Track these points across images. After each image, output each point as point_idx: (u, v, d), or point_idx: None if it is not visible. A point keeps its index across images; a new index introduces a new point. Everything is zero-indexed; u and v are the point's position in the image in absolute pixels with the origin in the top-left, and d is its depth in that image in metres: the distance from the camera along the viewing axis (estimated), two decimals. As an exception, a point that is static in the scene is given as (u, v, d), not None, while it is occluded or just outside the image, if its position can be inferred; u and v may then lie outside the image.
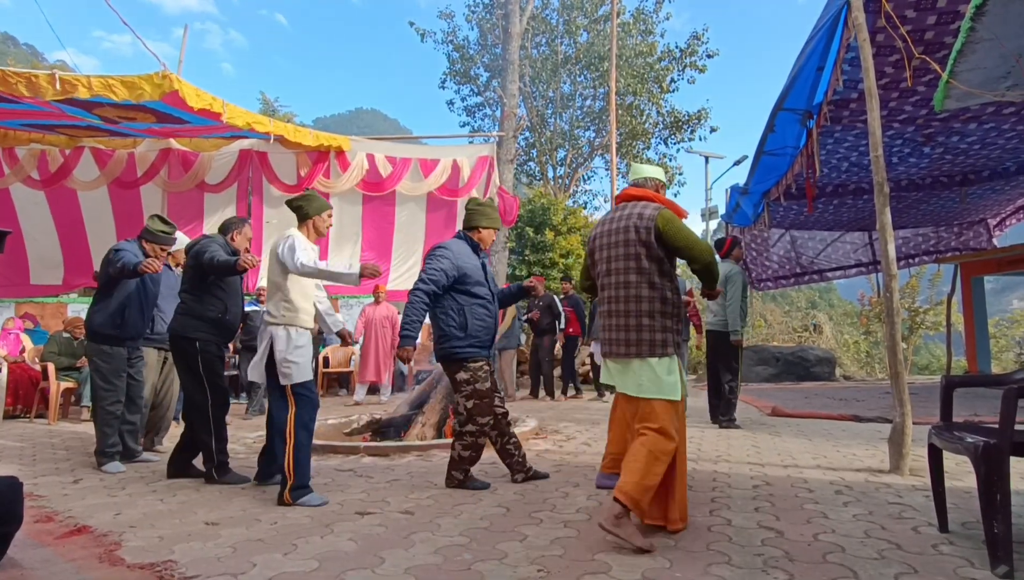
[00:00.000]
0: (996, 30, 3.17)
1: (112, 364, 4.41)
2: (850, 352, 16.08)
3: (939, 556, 2.41)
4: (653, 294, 2.81)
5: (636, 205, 2.93)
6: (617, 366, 2.93)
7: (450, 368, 3.66)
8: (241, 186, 9.47)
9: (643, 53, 19.24)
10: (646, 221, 2.82)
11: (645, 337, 2.79)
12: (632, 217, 2.87)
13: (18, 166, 8.36)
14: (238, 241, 4.20)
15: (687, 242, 2.82)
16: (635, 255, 2.84)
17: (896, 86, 5.69)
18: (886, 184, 4.12)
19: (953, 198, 9.31)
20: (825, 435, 5.48)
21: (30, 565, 2.44)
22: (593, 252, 3.07)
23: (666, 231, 2.79)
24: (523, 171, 22.51)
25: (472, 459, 3.68)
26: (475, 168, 10.03)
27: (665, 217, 2.82)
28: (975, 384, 5.00)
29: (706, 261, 2.88)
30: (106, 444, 4.35)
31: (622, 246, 2.88)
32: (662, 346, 2.79)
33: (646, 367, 2.78)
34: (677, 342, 2.86)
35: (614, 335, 2.90)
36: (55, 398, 7.19)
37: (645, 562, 2.37)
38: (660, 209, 2.87)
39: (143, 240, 4.54)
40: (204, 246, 3.96)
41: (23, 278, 9.27)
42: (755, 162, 7.50)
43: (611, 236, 2.95)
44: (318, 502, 3.31)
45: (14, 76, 5.55)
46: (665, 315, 2.81)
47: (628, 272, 2.85)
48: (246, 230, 4.30)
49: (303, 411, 3.44)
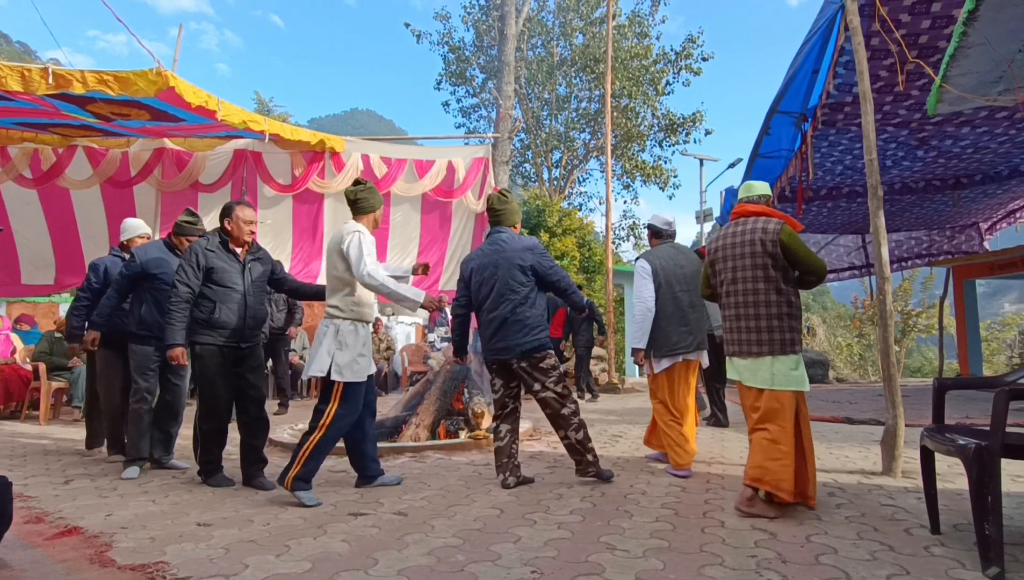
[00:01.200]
0: (988, 35, 3.20)
1: (137, 361, 4.30)
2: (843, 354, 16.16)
3: (931, 557, 2.42)
4: (780, 299, 3.16)
5: (758, 220, 3.24)
6: (746, 363, 3.23)
7: (536, 357, 3.70)
8: (235, 186, 9.42)
9: (638, 55, 19.31)
10: (771, 234, 3.15)
11: (776, 337, 3.14)
12: (757, 231, 3.20)
13: (10, 164, 8.29)
14: (232, 228, 3.92)
15: (805, 255, 3.15)
16: (763, 265, 3.17)
17: (890, 90, 5.72)
18: (880, 187, 4.14)
19: (946, 202, 9.37)
20: (818, 437, 5.50)
21: (20, 566, 2.42)
22: (715, 262, 3.39)
23: (789, 244, 3.13)
24: (518, 173, 22.54)
25: (588, 439, 3.77)
26: (470, 169, 10.02)
27: (787, 231, 3.16)
28: (967, 387, 5.02)
29: (819, 275, 3.19)
30: (133, 443, 4.23)
31: (748, 257, 3.20)
32: (791, 344, 3.16)
33: (778, 363, 3.13)
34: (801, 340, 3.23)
35: (744, 336, 3.24)
36: (46, 398, 7.14)
37: (638, 563, 2.37)
38: (782, 224, 3.19)
39: (172, 236, 4.54)
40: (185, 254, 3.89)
41: (14, 278, 9.19)
42: (750, 165, 7.53)
43: (735, 248, 3.27)
44: (311, 502, 3.30)
45: (6, 69, 5.50)
46: (792, 317, 3.17)
47: (756, 280, 3.18)
48: (239, 213, 3.92)
49: (345, 409, 3.47)
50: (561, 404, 3.72)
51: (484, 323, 3.83)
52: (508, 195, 4.02)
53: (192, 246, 3.88)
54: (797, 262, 3.16)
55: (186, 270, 3.76)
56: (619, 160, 20.33)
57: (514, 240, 3.84)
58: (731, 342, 3.33)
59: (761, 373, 3.17)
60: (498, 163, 11.46)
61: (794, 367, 3.14)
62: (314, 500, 3.33)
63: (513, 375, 3.82)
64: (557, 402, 3.72)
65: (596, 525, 2.89)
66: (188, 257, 3.81)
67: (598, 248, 17.95)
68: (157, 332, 4.23)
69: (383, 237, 10.15)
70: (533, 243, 3.86)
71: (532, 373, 3.72)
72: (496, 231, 3.94)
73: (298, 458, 3.36)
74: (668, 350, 4.07)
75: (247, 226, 3.93)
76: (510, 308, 3.70)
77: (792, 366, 3.14)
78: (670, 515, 3.05)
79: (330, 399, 3.47)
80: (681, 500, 3.35)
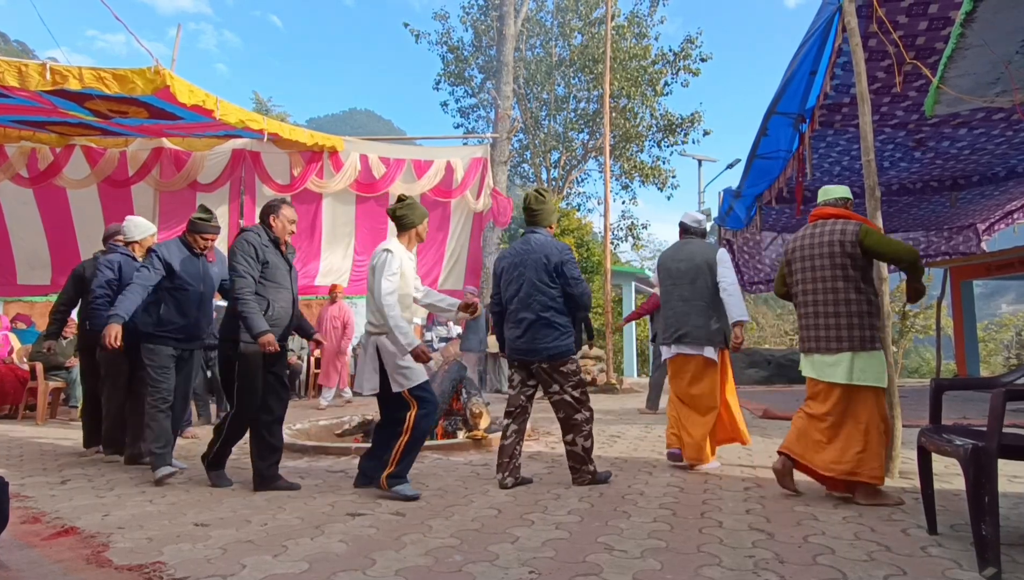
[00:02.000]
0: (986, 36, 3.20)
1: (156, 361, 4.12)
2: (841, 355, 16.17)
3: (928, 558, 2.42)
4: (860, 297, 3.26)
5: (836, 222, 3.35)
6: (825, 359, 3.33)
7: (560, 361, 3.72)
8: (234, 186, 9.42)
9: (637, 56, 19.32)
10: (850, 235, 3.26)
11: (855, 334, 3.24)
12: (835, 232, 3.30)
13: (7, 164, 8.28)
14: (276, 226, 3.83)
15: (890, 247, 3.25)
16: (841, 265, 3.27)
17: (888, 91, 5.73)
18: (877, 188, 4.14)
19: (943, 203, 9.38)
20: (816, 437, 5.50)
21: (16, 567, 2.41)
22: (791, 263, 3.51)
23: (868, 242, 3.23)
24: (517, 173, 22.55)
25: (592, 448, 3.78)
26: (469, 169, 10.03)
27: (865, 230, 3.25)
28: (964, 387, 5.04)
29: (910, 260, 3.24)
30: (155, 442, 4.06)
31: (827, 257, 3.31)
32: (871, 341, 3.25)
33: (858, 359, 3.22)
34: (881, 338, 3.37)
35: (823, 333, 3.34)
36: (43, 398, 7.12)
37: (636, 564, 2.37)
38: (860, 225, 3.29)
39: (188, 233, 4.32)
40: (233, 251, 3.70)
41: (10, 278, 9.17)
42: (748, 165, 7.54)
43: (812, 249, 3.38)
44: (411, 493, 3.39)
45: (4, 65, 5.50)
46: (871, 315, 3.28)
47: (836, 279, 3.29)
48: (285, 212, 3.86)
49: (425, 408, 3.53)
50: (576, 410, 3.72)
51: (512, 322, 3.84)
52: (545, 195, 4.00)
53: (247, 237, 3.72)
54: (883, 256, 3.30)
55: (247, 260, 3.62)
56: (617, 160, 20.35)
57: (545, 241, 3.82)
58: (808, 338, 3.44)
59: (840, 369, 3.26)
60: (496, 163, 11.48)
61: (876, 363, 3.26)
62: (413, 491, 3.41)
63: (532, 375, 3.84)
64: (572, 407, 3.72)
65: (594, 525, 2.89)
66: (245, 248, 3.65)
67: (596, 248, 17.97)
68: (176, 332, 4.17)
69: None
70: (563, 247, 3.85)
71: (552, 375, 3.74)
72: (530, 231, 3.94)
73: (391, 460, 3.45)
74: (662, 341, 4.43)
75: (290, 225, 3.89)
76: (538, 309, 3.72)
77: (874, 362, 3.26)
78: (668, 515, 3.05)
79: (408, 406, 3.53)
80: (679, 500, 3.35)
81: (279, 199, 3.99)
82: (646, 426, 6.35)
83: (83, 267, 5.14)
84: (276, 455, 3.77)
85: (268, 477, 3.71)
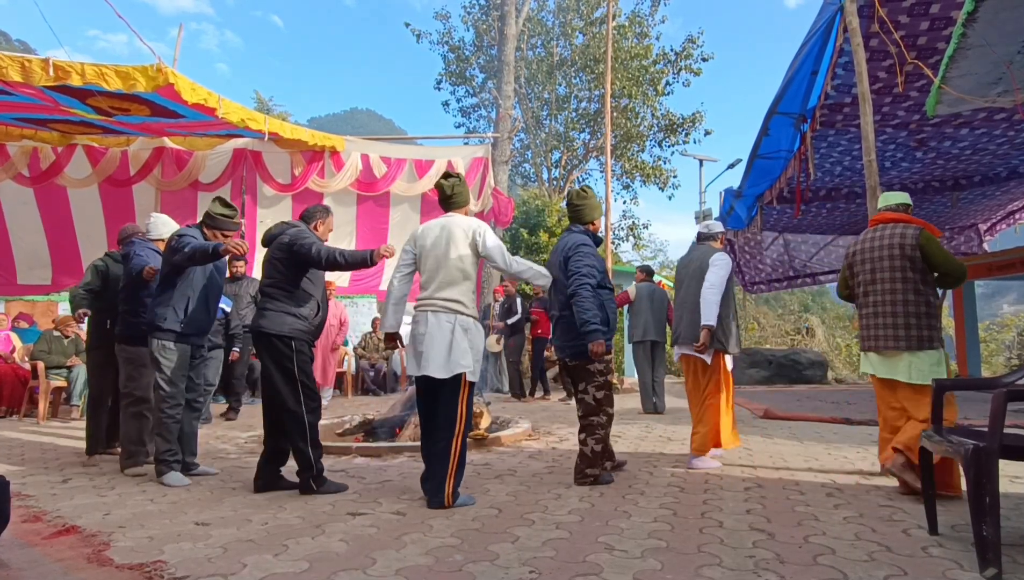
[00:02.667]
0: (987, 36, 3.20)
1: (176, 362, 3.90)
2: (842, 355, 16.16)
3: (929, 558, 2.42)
4: (919, 299, 3.39)
5: (897, 226, 3.49)
6: (885, 357, 3.49)
7: (584, 361, 3.71)
8: (235, 185, 9.42)
9: (638, 56, 19.29)
10: (910, 239, 3.39)
11: (913, 334, 3.38)
12: (895, 236, 3.45)
13: (9, 163, 8.28)
14: (321, 231, 3.88)
15: (943, 259, 3.39)
16: (901, 267, 3.42)
17: (889, 91, 5.72)
18: (879, 188, 4.15)
19: (945, 203, 9.38)
20: (817, 438, 5.50)
21: (17, 565, 2.41)
22: (853, 265, 3.65)
23: (927, 248, 3.37)
24: (518, 172, 22.55)
25: (605, 453, 3.76)
26: (470, 169, 10.03)
27: (926, 236, 3.38)
28: (965, 387, 5.02)
29: (957, 276, 3.42)
30: (164, 451, 3.85)
31: (887, 260, 3.46)
32: (929, 341, 3.37)
33: (916, 358, 3.37)
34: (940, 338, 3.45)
35: (882, 332, 3.48)
36: (45, 397, 7.13)
37: (636, 563, 2.37)
38: (921, 229, 3.42)
39: (204, 226, 4.07)
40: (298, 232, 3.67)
41: (10, 277, 9.18)
42: (749, 165, 7.54)
43: (874, 252, 3.53)
44: (471, 502, 3.29)
45: (7, 60, 5.53)
46: (930, 316, 3.39)
47: (895, 281, 3.43)
48: (330, 221, 3.96)
49: (471, 404, 3.45)
50: (595, 412, 3.74)
51: (551, 320, 4.03)
52: (588, 191, 4.02)
53: (300, 226, 3.76)
54: (936, 265, 3.39)
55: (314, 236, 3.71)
56: (619, 160, 20.33)
57: (566, 238, 3.88)
58: (868, 338, 3.59)
59: (900, 367, 3.42)
60: (498, 163, 11.48)
61: (934, 362, 3.36)
62: (472, 499, 3.32)
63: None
64: (592, 408, 3.74)
65: (594, 525, 2.89)
66: (307, 233, 3.71)
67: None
68: (199, 330, 4.02)
69: (382, 236, 10.17)
70: (580, 241, 3.78)
71: (579, 373, 3.79)
72: (567, 229, 3.99)
73: (448, 474, 3.22)
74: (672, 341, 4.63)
75: (329, 233, 3.97)
76: (561, 307, 3.80)
77: (932, 361, 3.36)
78: (668, 515, 3.05)
79: (456, 402, 3.30)
80: (679, 501, 3.35)
81: (323, 207, 4.00)
82: (646, 426, 6.35)
83: (105, 264, 4.88)
84: (285, 459, 3.74)
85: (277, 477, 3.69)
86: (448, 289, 3.37)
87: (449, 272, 3.38)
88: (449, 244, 3.40)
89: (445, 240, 3.41)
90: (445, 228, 3.45)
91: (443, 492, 3.19)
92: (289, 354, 3.57)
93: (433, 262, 3.42)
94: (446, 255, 3.39)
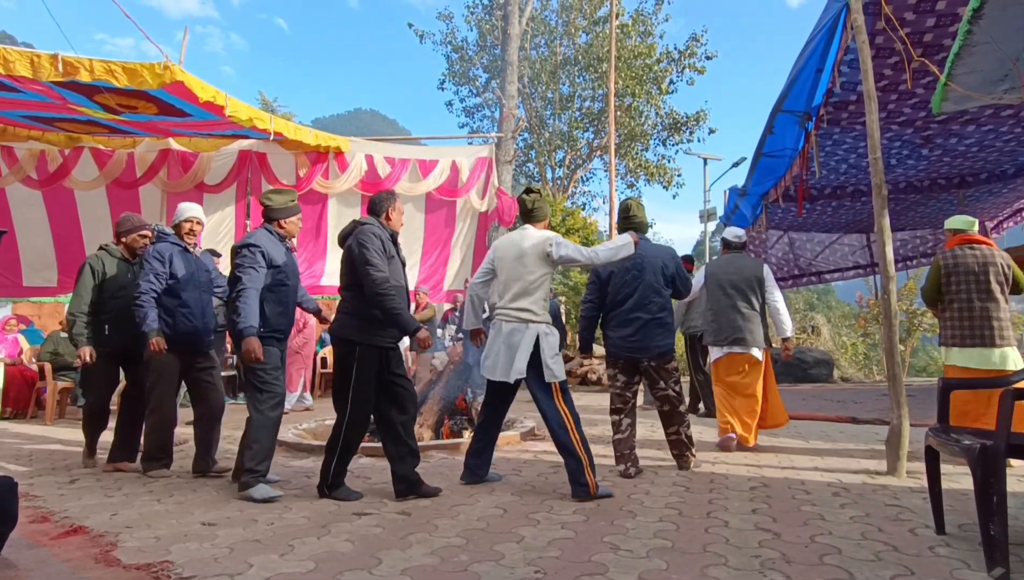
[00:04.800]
0: (993, 33, 3.18)
1: (269, 361, 3.62)
2: (848, 354, 16.09)
3: (935, 558, 2.41)
4: (1007, 306, 4.28)
5: (990, 249, 4.33)
6: (987, 351, 4.18)
7: (665, 358, 4.08)
8: (240, 187, 9.45)
9: (642, 54, 19.24)
10: (1005, 260, 4.27)
11: (1006, 334, 4.21)
12: (995, 256, 4.28)
13: (17, 166, 8.33)
14: (394, 220, 3.63)
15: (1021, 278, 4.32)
16: (998, 281, 4.24)
17: (895, 88, 5.69)
18: (884, 186, 4.13)
19: (951, 200, 9.32)
20: (822, 437, 5.49)
21: (25, 566, 2.43)
22: (950, 276, 4.33)
23: (1015, 270, 4.29)
24: (522, 172, 22.52)
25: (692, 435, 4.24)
26: (474, 169, 10.03)
27: (1016, 261, 4.32)
28: (972, 386, 4.99)
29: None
30: (259, 459, 3.50)
31: (990, 274, 4.24)
32: (1010, 339, 4.21)
33: (1011, 350, 4.17)
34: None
35: (987, 332, 4.22)
36: (52, 398, 7.17)
37: (642, 563, 2.37)
38: (1008, 256, 4.31)
39: (271, 221, 3.82)
40: (363, 238, 3.39)
41: (16, 279, 9.23)
42: (754, 164, 7.51)
43: (969, 265, 4.28)
44: (605, 492, 3.44)
45: (15, 55, 5.57)
46: (1010, 320, 4.27)
47: (993, 291, 4.23)
48: (399, 206, 3.69)
49: (571, 399, 3.60)
50: (679, 403, 4.12)
51: (622, 321, 4.09)
52: (642, 205, 4.35)
53: (371, 229, 3.44)
54: (1017, 282, 4.31)
55: (380, 255, 3.38)
56: (623, 159, 20.29)
57: (654, 246, 4.22)
58: (968, 337, 4.25)
59: (995, 359, 4.15)
60: (501, 163, 11.46)
61: (1018, 353, 4.19)
62: (610, 491, 3.48)
63: (638, 372, 4.15)
64: (677, 400, 4.11)
65: (599, 525, 2.89)
66: (372, 241, 3.39)
67: (602, 247, 17.88)
68: (281, 332, 3.76)
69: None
70: (673, 253, 4.26)
71: (659, 372, 4.07)
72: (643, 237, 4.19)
73: (585, 465, 3.39)
74: (712, 341, 5.02)
75: (401, 220, 3.73)
76: (654, 311, 4.03)
77: (1018, 353, 4.18)
78: (674, 515, 3.05)
79: (556, 405, 3.50)
80: (685, 500, 3.35)
81: (388, 193, 3.70)
82: (652, 425, 6.34)
83: (100, 261, 4.49)
84: (416, 457, 3.52)
85: (413, 481, 3.46)
86: (521, 299, 3.59)
87: (522, 283, 3.60)
88: (522, 257, 3.62)
89: (518, 253, 3.64)
90: (518, 242, 3.68)
91: (586, 482, 3.39)
92: (351, 359, 3.44)
93: (507, 274, 3.66)
94: (518, 267, 3.62)
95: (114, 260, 4.53)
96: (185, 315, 4.13)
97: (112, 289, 4.42)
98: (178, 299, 4.12)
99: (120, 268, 4.50)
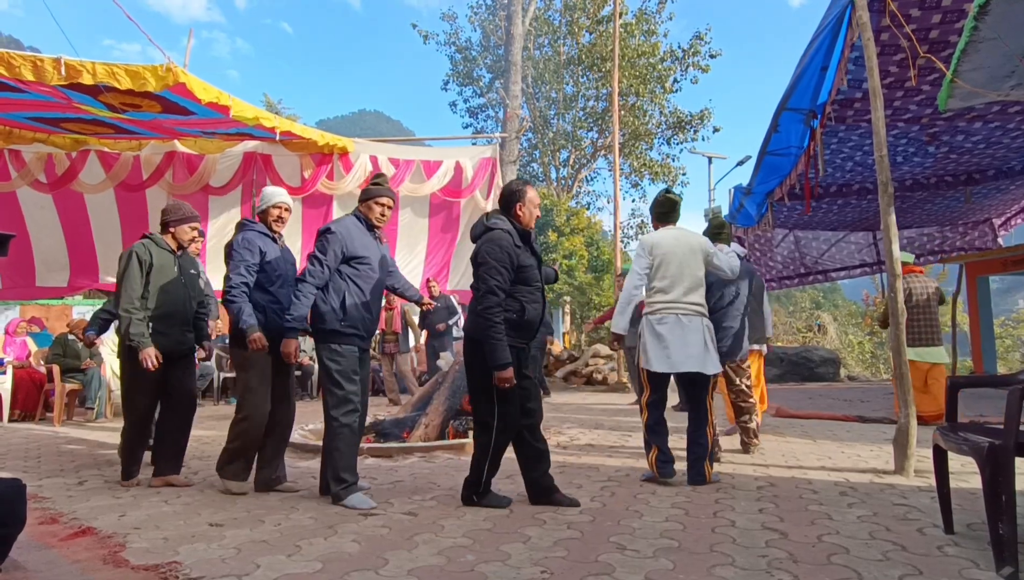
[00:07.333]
0: (999, 29, 3.16)
1: (343, 365, 3.43)
2: (854, 352, 16.03)
3: (944, 557, 2.40)
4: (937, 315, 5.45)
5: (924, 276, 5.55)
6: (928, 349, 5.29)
7: (733, 360, 4.55)
8: (245, 189, 9.48)
9: (646, 53, 19.23)
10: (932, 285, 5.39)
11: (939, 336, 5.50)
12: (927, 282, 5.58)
13: (25, 169, 8.39)
14: (524, 214, 3.33)
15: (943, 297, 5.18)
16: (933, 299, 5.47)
17: (900, 85, 5.67)
18: (890, 184, 4.11)
19: (958, 198, 9.27)
20: (829, 436, 5.47)
21: (34, 567, 2.45)
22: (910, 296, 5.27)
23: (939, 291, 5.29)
24: (526, 172, 22.52)
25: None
26: (478, 169, 10.03)
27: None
28: (980, 384, 4.99)
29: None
30: (343, 467, 3.35)
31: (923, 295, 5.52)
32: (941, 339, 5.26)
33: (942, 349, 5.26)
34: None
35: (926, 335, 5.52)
36: (60, 400, 7.22)
37: (648, 563, 2.37)
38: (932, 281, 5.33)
39: (362, 202, 3.66)
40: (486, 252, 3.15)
41: (29, 280, 9.30)
42: (759, 162, 7.48)
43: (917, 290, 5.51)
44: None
45: (19, 59, 5.61)
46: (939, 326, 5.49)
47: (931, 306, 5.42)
48: (533, 196, 3.36)
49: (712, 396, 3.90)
50: (749, 396, 4.66)
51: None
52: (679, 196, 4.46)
53: (498, 241, 3.14)
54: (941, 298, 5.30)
55: (505, 261, 3.10)
56: (627, 158, 20.27)
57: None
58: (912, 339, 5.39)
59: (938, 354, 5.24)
60: (505, 163, 11.48)
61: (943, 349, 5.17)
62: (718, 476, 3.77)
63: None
64: (747, 393, 4.66)
65: (606, 525, 2.89)
66: (501, 241, 3.12)
67: (606, 247, 17.91)
68: (363, 329, 3.50)
69: (391, 238, 10.19)
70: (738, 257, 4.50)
71: (732, 370, 4.65)
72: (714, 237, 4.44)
73: (706, 456, 3.69)
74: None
75: (536, 210, 3.38)
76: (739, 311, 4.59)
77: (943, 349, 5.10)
78: (680, 515, 3.04)
79: (706, 397, 3.76)
80: (691, 500, 3.34)
81: (517, 183, 3.32)
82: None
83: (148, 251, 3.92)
84: (547, 461, 3.35)
85: (546, 487, 3.29)
86: (693, 294, 3.76)
87: (694, 279, 3.78)
88: (693, 253, 3.81)
89: (686, 249, 3.80)
90: (681, 239, 3.83)
91: (703, 471, 3.65)
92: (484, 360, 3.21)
93: (676, 269, 3.77)
94: (692, 262, 3.78)
95: (162, 251, 3.97)
96: (276, 312, 3.64)
97: (159, 282, 3.90)
98: (268, 294, 3.67)
99: (169, 260, 3.98)
